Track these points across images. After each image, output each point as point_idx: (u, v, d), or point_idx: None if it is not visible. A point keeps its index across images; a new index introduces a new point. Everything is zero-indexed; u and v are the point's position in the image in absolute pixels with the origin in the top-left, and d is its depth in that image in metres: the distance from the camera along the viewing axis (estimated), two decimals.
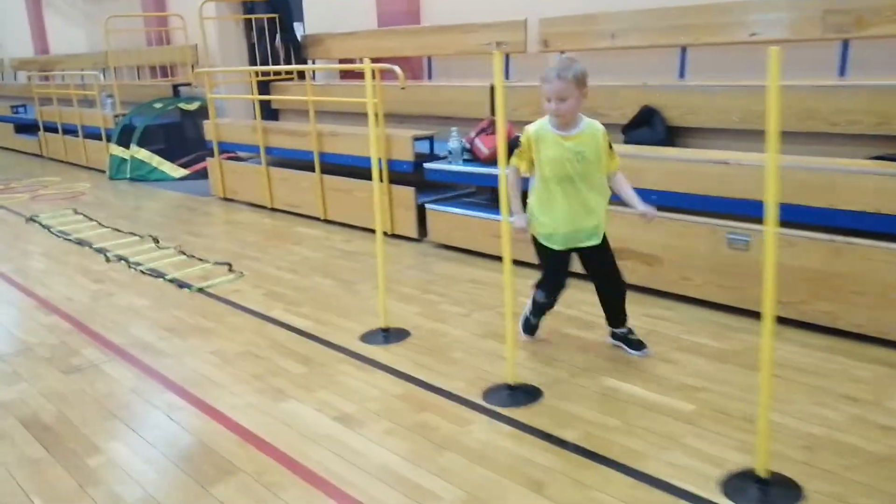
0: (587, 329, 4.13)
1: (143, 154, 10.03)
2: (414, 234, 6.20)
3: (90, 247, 6.59)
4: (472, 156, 5.80)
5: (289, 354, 4.05)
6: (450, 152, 5.89)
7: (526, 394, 3.45)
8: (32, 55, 16.62)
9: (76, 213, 8.14)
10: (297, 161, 7.35)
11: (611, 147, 3.46)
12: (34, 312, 4.98)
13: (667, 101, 5.27)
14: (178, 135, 10.65)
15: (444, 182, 6.10)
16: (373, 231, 6.56)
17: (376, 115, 6.02)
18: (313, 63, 9.06)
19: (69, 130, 11.83)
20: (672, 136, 5.23)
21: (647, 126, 5.28)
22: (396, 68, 5.94)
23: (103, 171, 10.74)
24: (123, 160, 10.23)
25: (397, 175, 6.27)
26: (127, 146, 10.18)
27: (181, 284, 5.39)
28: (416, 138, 6.09)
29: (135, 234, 6.94)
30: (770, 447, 2.61)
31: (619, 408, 3.26)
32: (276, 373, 3.82)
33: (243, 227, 7.06)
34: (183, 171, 9.99)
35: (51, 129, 12.37)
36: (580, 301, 4.35)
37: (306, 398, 3.51)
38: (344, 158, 6.75)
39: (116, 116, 10.47)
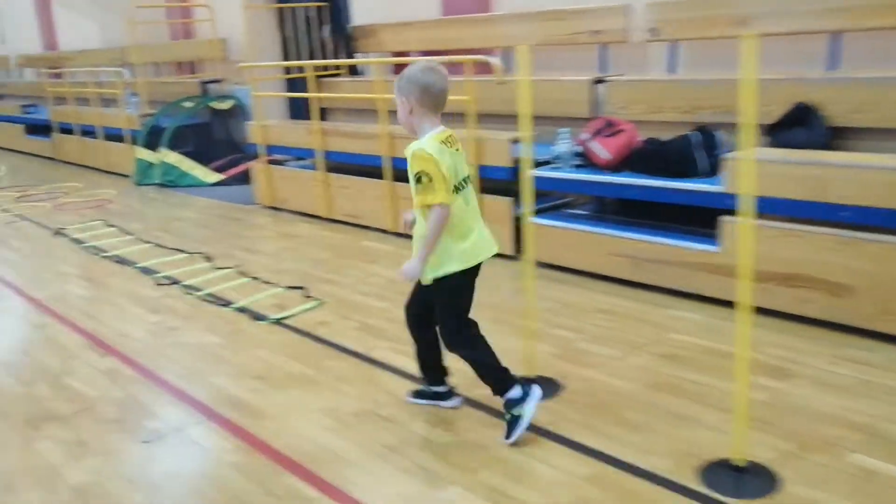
0: (782, 378, 3.34)
1: (172, 158, 9.21)
2: (509, 250, 5.40)
3: (134, 266, 5.77)
4: (586, 160, 4.99)
5: (418, 414, 3.25)
6: (557, 157, 5.08)
7: (758, 478, 2.65)
8: (40, 51, 15.75)
9: (108, 224, 7.33)
10: (357, 166, 6.56)
11: (419, 180, 2.78)
12: (86, 354, 4.17)
13: (825, 97, 4.46)
14: (208, 136, 9.85)
15: (546, 191, 5.30)
16: None
17: (462, 115, 5.24)
18: (365, 56, 8.23)
19: (86, 132, 10.99)
20: (834, 137, 4.43)
21: (801, 126, 4.48)
22: (493, 60, 5.13)
23: (126, 176, 9.93)
24: (151, 164, 9.42)
25: (487, 183, 5.47)
26: (154, 149, 9.36)
27: (255, 315, 4.58)
28: (515, 141, 5.28)
29: (182, 251, 6.14)
30: None
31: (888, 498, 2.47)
32: (413, 442, 3.03)
33: (304, 242, 6.26)
34: (217, 176, 9.18)
35: (66, 130, 11.54)
36: (761, 341, 3.56)
37: (470, 484, 2.71)
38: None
39: (142, 117, 9.64)
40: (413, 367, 3.42)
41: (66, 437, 3.24)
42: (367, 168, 6.44)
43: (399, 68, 8.31)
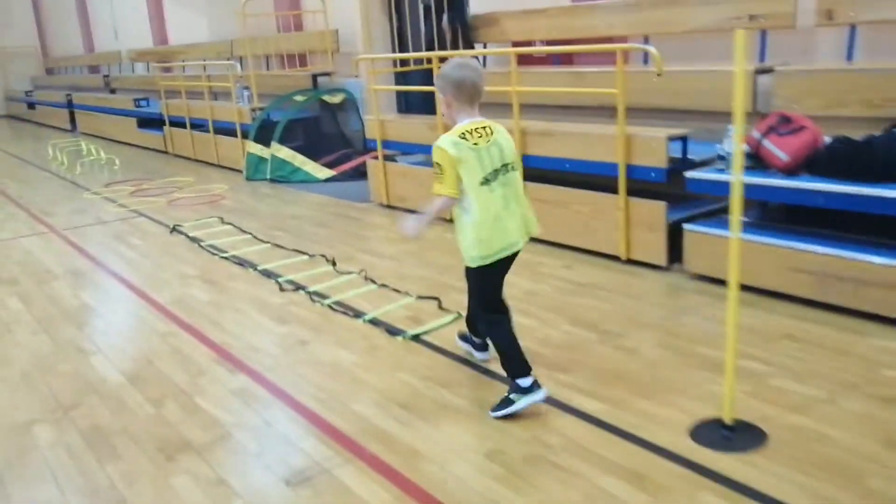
0: None
1: (284, 153, 8.97)
2: (661, 260, 4.88)
3: (254, 269, 5.49)
4: (756, 162, 4.42)
5: (599, 462, 2.79)
6: (723, 157, 4.53)
7: None
8: (151, 46, 15.88)
9: (223, 222, 7.10)
10: None
11: (437, 169, 3.06)
12: (215, 370, 3.86)
13: None
14: (317, 131, 9.60)
15: (704, 195, 4.77)
16: (593, 254, 5.31)
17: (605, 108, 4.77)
18: (484, 46, 7.79)
19: (197, 125, 10.90)
20: None
21: None
22: (652, 49, 4.60)
23: (237, 171, 9.76)
24: (262, 159, 9.20)
25: (636, 185, 4.97)
26: (265, 143, 9.15)
27: (389, 329, 4.19)
28: (674, 138, 4.75)
29: (302, 252, 5.83)
30: None
31: None
32: (600, 500, 2.55)
33: (427, 245, 5.85)
34: (328, 172, 8.89)
35: (177, 123, 11.49)
36: None
37: None
38: (555, 163, 5.46)
39: (254, 111, 9.44)
40: (585, 403, 2.97)
41: (204, 472, 2.91)
42: None
43: (525, 59, 7.87)
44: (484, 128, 3.07)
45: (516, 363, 3.15)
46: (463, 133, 3.03)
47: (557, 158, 5.46)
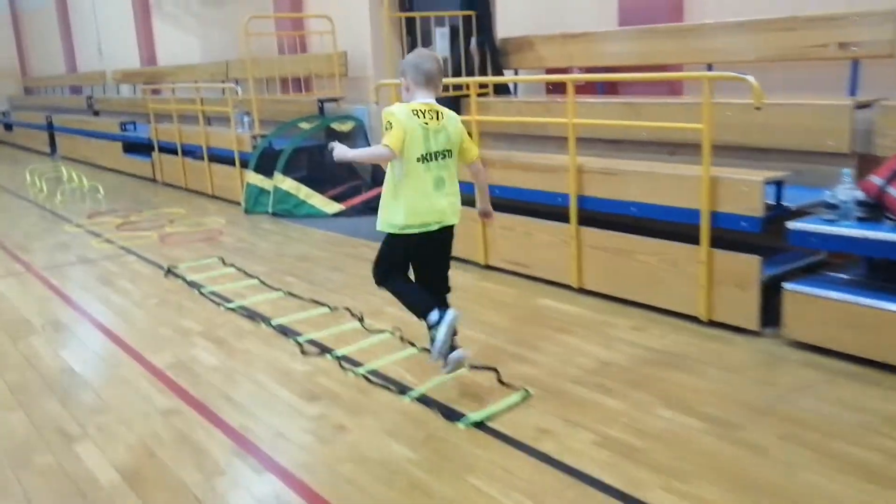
0: None
1: (288, 184, 8.22)
2: (752, 324, 4.16)
3: (268, 324, 4.71)
4: (875, 212, 3.72)
5: None
6: (834, 205, 3.83)
7: None
8: (138, 66, 15.11)
9: (225, 263, 6.31)
10: (525, 204, 5.41)
11: (387, 125, 3.30)
12: (235, 466, 3.07)
13: None
14: (323, 161, 8.84)
15: (808, 248, 4.08)
16: (664, 312, 4.49)
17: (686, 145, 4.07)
18: (515, 73, 7.10)
19: (188, 152, 10.12)
20: None
21: None
22: (750, 79, 3.90)
23: (234, 203, 8.99)
24: (263, 191, 8.44)
25: (723, 234, 4.26)
26: (267, 174, 8.40)
27: (445, 411, 3.43)
28: (771, 182, 4.05)
29: (321, 304, 5.05)
30: None
31: None
32: None
33: (466, 297, 5.10)
34: (337, 207, 8.14)
35: (167, 149, 10.70)
36: None
37: None
38: (616, 206, 4.75)
39: (254, 138, 8.68)
40: None
41: None
42: (539, 207, 5.29)
43: (559, 88, 7.17)
44: (436, 112, 3.32)
45: (416, 302, 3.53)
46: (415, 109, 3.29)
47: (620, 201, 4.74)
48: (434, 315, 3.41)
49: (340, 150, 3.35)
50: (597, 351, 4.10)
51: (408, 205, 3.29)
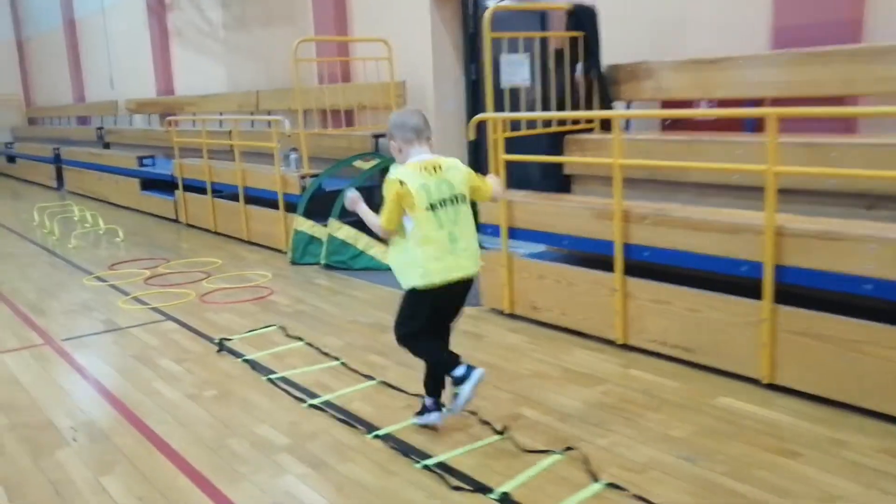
0: None
1: (345, 233, 7.06)
2: None
3: (376, 436, 3.51)
4: None
5: None
6: None
7: None
8: (154, 96, 14.00)
9: (287, 333, 5.13)
10: (678, 271, 4.29)
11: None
12: None
13: None
14: (377, 204, 7.62)
15: None
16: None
17: None
18: (628, 106, 5.99)
19: (216, 191, 8.97)
20: None
21: None
22: None
23: (275, 251, 7.84)
24: (313, 239, 7.29)
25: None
26: (316, 219, 7.24)
27: None
28: None
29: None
30: None
31: None
32: None
33: (613, 392, 3.91)
34: None
35: (192, 188, 9.54)
36: None
37: None
38: (836, 281, 3.59)
39: (303, 178, 7.52)
40: None
41: None
42: (707, 275, 4.15)
43: (677, 124, 6.05)
44: (434, 165, 3.23)
45: (445, 361, 3.39)
46: (412, 168, 3.21)
47: (846, 275, 3.57)
48: (461, 370, 3.30)
49: (354, 200, 3.45)
50: (853, 490, 2.89)
51: (426, 259, 3.20)
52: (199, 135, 9.33)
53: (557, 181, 5.87)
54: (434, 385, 3.53)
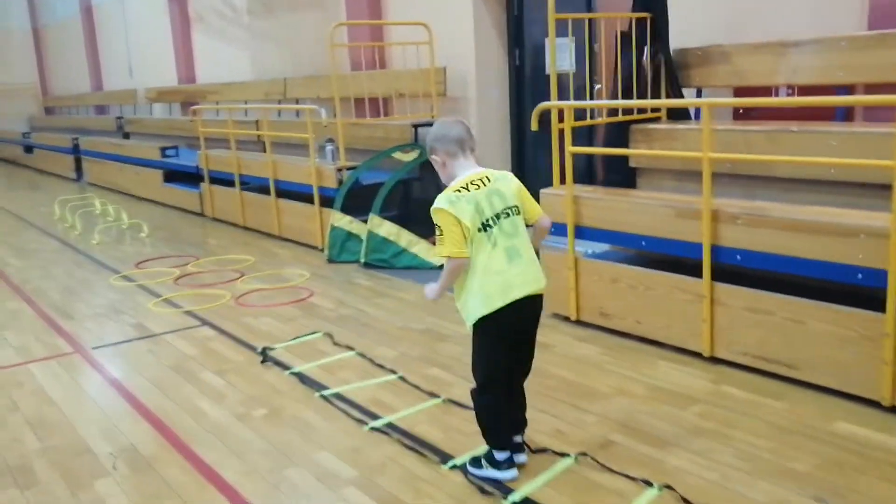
0: None
1: (386, 229, 6.65)
2: None
3: (453, 467, 3.09)
4: None
5: None
6: None
7: None
8: (175, 84, 13.60)
9: (335, 342, 4.73)
10: (776, 277, 3.87)
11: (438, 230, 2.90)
12: None
13: None
14: (416, 198, 7.27)
15: None
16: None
17: None
18: (699, 92, 5.53)
19: (244, 183, 8.57)
20: None
21: None
22: None
23: (309, 247, 7.46)
24: (351, 236, 6.89)
25: None
26: (355, 214, 6.84)
27: None
28: None
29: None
30: None
31: None
32: None
33: (707, 413, 3.50)
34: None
35: (219, 180, 9.14)
36: None
37: None
38: None
39: (339, 171, 7.10)
40: None
41: None
42: (814, 282, 3.71)
43: (747, 112, 5.61)
44: (482, 178, 2.93)
45: (496, 437, 3.04)
46: (459, 188, 2.89)
47: None
48: (503, 455, 3.00)
49: (431, 291, 3.01)
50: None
51: (483, 284, 2.85)
52: (226, 124, 8.90)
53: (622, 175, 5.42)
54: (496, 439, 3.08)
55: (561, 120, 4.93)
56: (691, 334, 4.24)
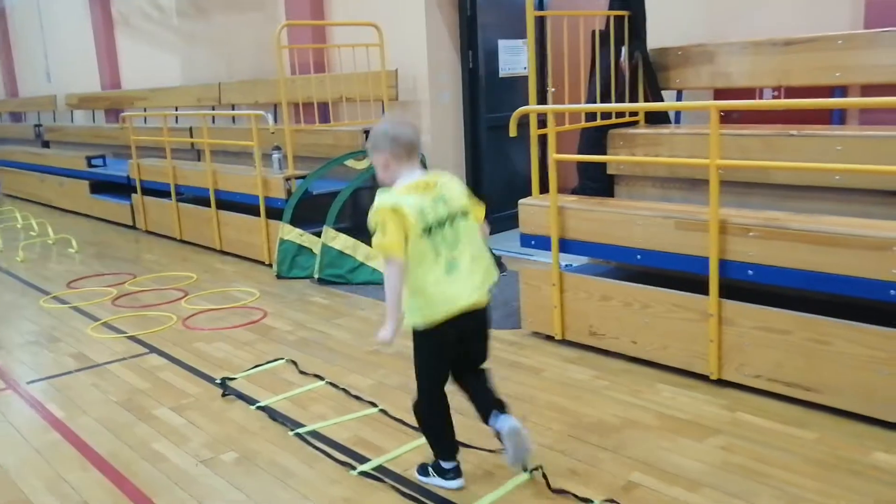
0: None
1: (342, 242, 6.22)
2: None
3: None
4: None
5: None
6: None
7: None
8: (98, 90, 12.83)
9: (300, 369, 4.30)
10: (794, 293, 3.62)
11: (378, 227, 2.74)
12: None
13: None
14: (365, 208, 6.79)
15: None
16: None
17: None
18: (679, 95, 5.28)
19: (181, 194, 8.03)
20: None
21: None
22: None
23: (253, 261, 6.98)
24: (303, 249, 6.43)
25: None
26: (304, 226, 6.39)
27: None
28: None
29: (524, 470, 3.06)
30: None
31: None
32: None
33: (726, 439, 3.21)
34: None
35: (151, 191, 8.55)
36: None
37: None
38: None
39: (288, 180, 6.63)
40: None
41: None
42: (835, 298, 3.46)
43: (746, 116, 5.35)
44: (427, 183, 2.80)
45: (444, 446, 2.98)
46: (404, 190, 2.76)
47: None
48: (450, 464, 2.98)
49: (385, 334, 2.76)
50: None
51: (422, 292, 2.75)
52: (161, 132, 8.30)
53: (600, 182, 5.12)
54: (444, 448, 3.00)
55: (542, 126, 4.59)
56: (695, 355, 3.94)
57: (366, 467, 3.20)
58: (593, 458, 3.19)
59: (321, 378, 4.21)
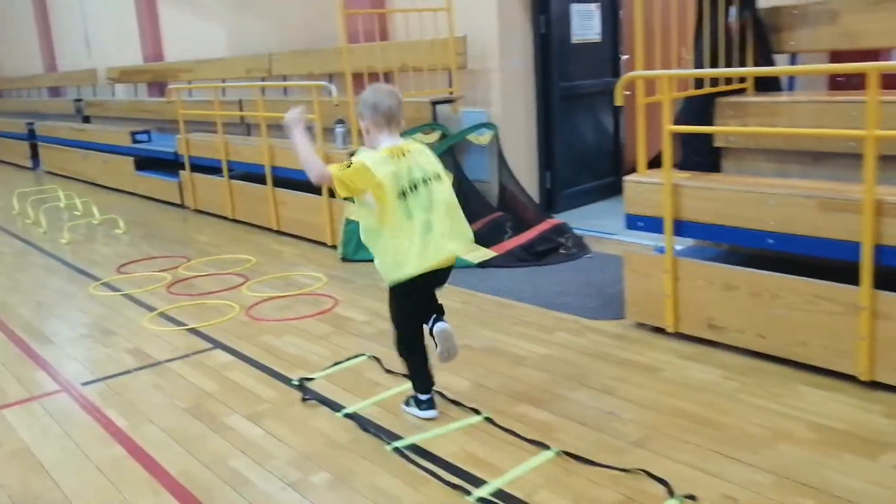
0: None
1: None
2: None
3: None
4: None
5: None
6: None
7: None
8: (139, 63, 12.44)
9: (385, 368, 3.87)
10: None
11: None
12: None
13: None
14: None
15: None
16: None
17: None
18: (792, 58, 4.71)
19: (233, 170, 7.60)
20: None
21: None
22: None
23: (314, 242, 6.58)
24: None
25: None
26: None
27: None
28: None
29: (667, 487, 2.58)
30: None
31: None
32: None
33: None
34: (484, 253, 5.58)
35: (200, 168, 8.14)
36: None
37: None
38: None
39: (352, 155, 6.11)
40: None
41: None
42: None
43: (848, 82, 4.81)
44: (402, 150, 3.05)
45: (418, 378, 3.30)
46: (389, 152, 3.02)
47: None
48: (425, 397, 3.30)
49: (293, 120, 3.22)
50: None
51: (398, 251, 3.00)
52: (211, 105, 7.87)
53: (704, 156, 4.58)
54: (420, 383, 3.33)
55: (650, 94, 4.07)
56: (840, 353, 3.43)
57: (483, 493, 2.75)
58: (751, 483, 2.71)
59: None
